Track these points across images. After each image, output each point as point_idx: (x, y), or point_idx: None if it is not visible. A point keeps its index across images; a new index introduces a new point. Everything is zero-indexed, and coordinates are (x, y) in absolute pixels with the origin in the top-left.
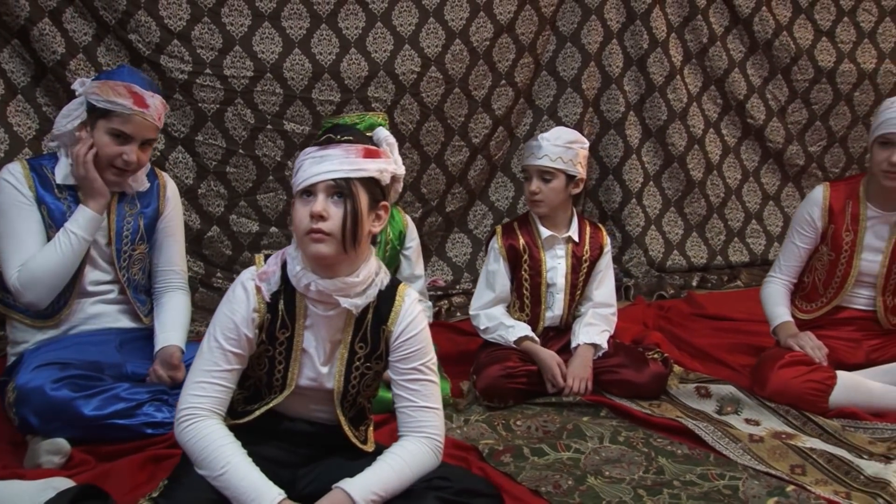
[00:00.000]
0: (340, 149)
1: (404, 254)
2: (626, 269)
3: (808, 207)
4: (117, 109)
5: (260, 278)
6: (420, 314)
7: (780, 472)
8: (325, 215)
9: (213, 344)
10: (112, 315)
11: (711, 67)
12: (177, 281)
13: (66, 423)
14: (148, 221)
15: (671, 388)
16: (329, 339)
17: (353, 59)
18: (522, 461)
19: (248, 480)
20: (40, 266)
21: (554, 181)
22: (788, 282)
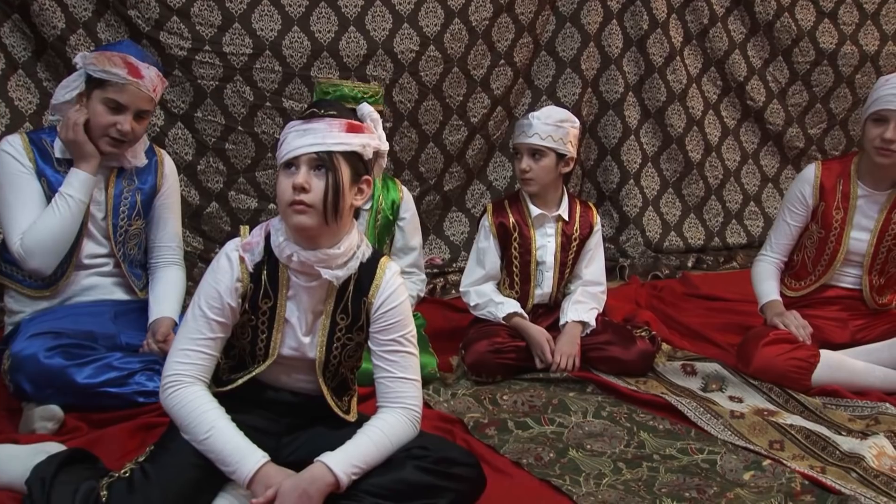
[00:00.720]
0: (324, 122)
1: (399, 224)
2: (622, 250)
3: (800, 185)
4: (112, 79)
5: (244, 249)
6: (400, 287)
7: (758, 448)
8: (307, 187)
9: (197, 312)
10: (107, 287)
11: (712, 49)
12: (172, 256)
13: (58, 390)
14: (145, 197)
15: (658, 365)
16: (311, 309)
17: (352, 37)
18: (506, 434)
19: (233, 444)
20: (42, 231)
21: (544, 160)
22: (779, 260)
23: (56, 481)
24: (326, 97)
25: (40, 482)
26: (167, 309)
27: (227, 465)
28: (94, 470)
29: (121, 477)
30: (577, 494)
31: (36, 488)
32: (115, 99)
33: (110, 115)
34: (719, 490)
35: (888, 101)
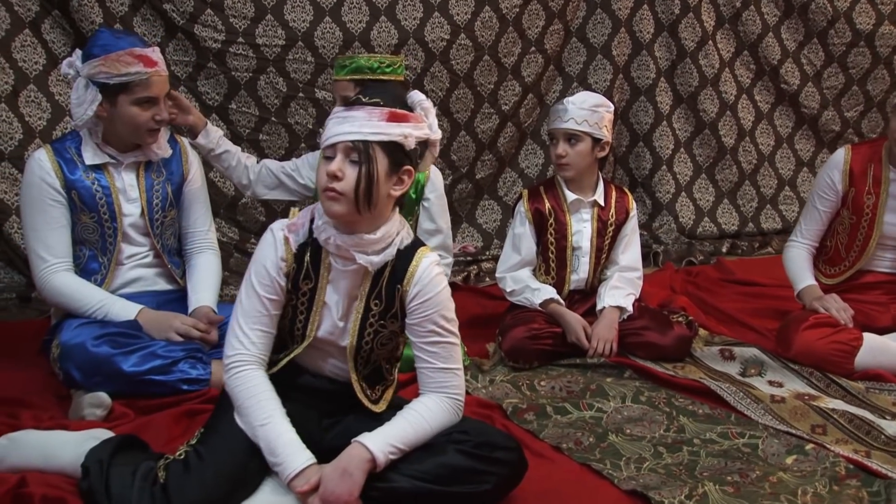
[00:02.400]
0: (364, 111)
1: (424, 205)
2: (655, 236)
3: (829, 170)
4: (134, 79)
5: (289, 229)
6: (438, 276)
7: (800, 432)
8: (340, 175)
9: (250, 291)
10: (150, 279)
11: (745, 32)
12: (206, 241)
13: (106, 377)
14: (175, 187)
15: (695, 350)
16: (347, 294)
17: (384, 26)
18: (545, 419)
19: (285, 438)
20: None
21: (580, 144)
22: (810, 246)
23: (114, 463)
24: (343, 71)
25: (98, 464)
26: (204, 297)
27: (275, 457)
28: (147, 454)
29: (176, 459)
30: (617, 478)
31: (94, 470)
32: (147, 95)
33: (146, 110)
34: (762, 474)
35: None
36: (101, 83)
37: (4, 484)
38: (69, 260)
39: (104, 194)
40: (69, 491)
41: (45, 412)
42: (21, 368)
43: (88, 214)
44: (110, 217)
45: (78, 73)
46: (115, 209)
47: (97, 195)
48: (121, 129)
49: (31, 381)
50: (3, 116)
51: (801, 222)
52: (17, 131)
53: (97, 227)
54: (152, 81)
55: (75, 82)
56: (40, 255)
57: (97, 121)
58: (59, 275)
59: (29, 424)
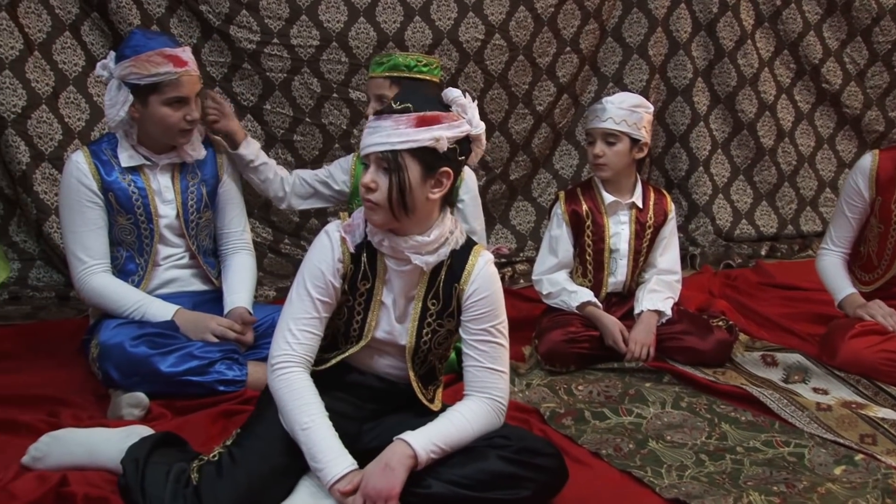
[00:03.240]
0: (391, 119)
1: (458, 206)
2: (692, 238)
3: (855, 176)
4: (164, 79)
5: (345, 230)
6: (493, 276)
7: (848, 441)
8: (374, 186)
9: (301, 292)
10: (185, 279)
11: (785, 31)
12: (241, 242)
13: (144, 378)
14: (210, 188)
15: (736, 355)
16: (404, 294)
17: (418, 27)
18: (584, 424)
19: (327, 444)
20: (103, 301)
21: (618, 144)
22: (843, 252)
23: (149, 462)
24: (380, 68)
25: (134, 463)
26: (240, 298)
27: (317, 462)
28: (184, 452)
29: (210, 460)
30: (659, 486)
31: (130, 468)
32: (178, 95)
33: (178, 110)
34: (809, 485)
35: None
36: (132, 84)
37: (46, 483)
38: (107, 261)
39: (140, 196)
40: (110, 490)
41: (85, 411)
42: (60, 367)
43: (125, 216)
44: (146, 218)
45: (111, 74)
46: (152, 210)
47: (133, 196)
48: (153, 130)
49: (70, 380)
50: (43, 118)
51: (830, 229)
52: (56, 132)
53: (134, 229)
54: (182, 81)
55: (109, 84)
56: (78, 257)
57: (131, 122)
58: (97, 276)
59: (69, 423)
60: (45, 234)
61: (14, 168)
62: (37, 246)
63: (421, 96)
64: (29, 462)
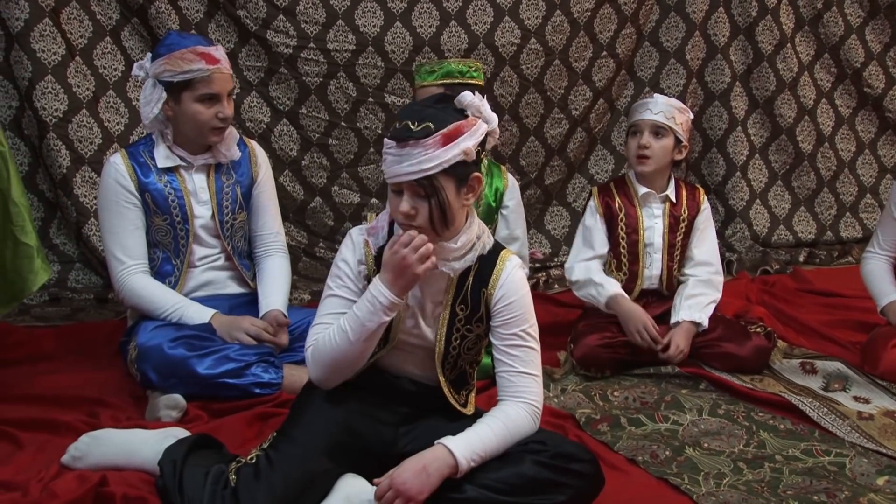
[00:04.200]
0: (419, 146)
1: (502, 213)
2: (728, 244)
3: None
4: (196, 76)
5: (368, 233)
6: (521, 280)
7: (891, 451)
8: (414, 213)
9: (327, 292)
10: (222, 282)
11: (826, 34)
12: (276, 244)
13: (181, 380)
14: (245, 190)
15: (774, 363)
16: (431, 299)
17: (454, 31)
18: (619, 430)
19: (357, 311)
20: (141, 302)
21: (665, 139)
22: (889, 257)
23: (187, 463)
24: (432, 76)
25: (172, 464)
26: (274, 301)
27: (368, 318)
28: (221, 454)
29: (247, 463)
30: (696, 494)
31: (168, 469)
32: (209, 92)
33: (210, 108)
34: (851, 495)
35: None
36: (166, 81)
37: (87, 482)
38: (145, 262)
39: (176, 196)
40: (148, 490)
41: (123, 412)
42: (99, 369)
43: (161, 217)
44: (182, 219)
45: (147, 73)
46: (187, 211)
47: (169, 197)
48: (186, 128)
49: (108, 381)
50: (83, 122)
51: (877, 232)
52: (96, 136)
53: (170, 230)
54: (213, 78)
55: (145, 83)
56: (117, 257)
57: (166, 122)
58: (135, 276)
59: (108, 424)
60: (84, 237)
61: (55, 172)
62: (76, 248)
63: (435, 110)
64: (69, 461)
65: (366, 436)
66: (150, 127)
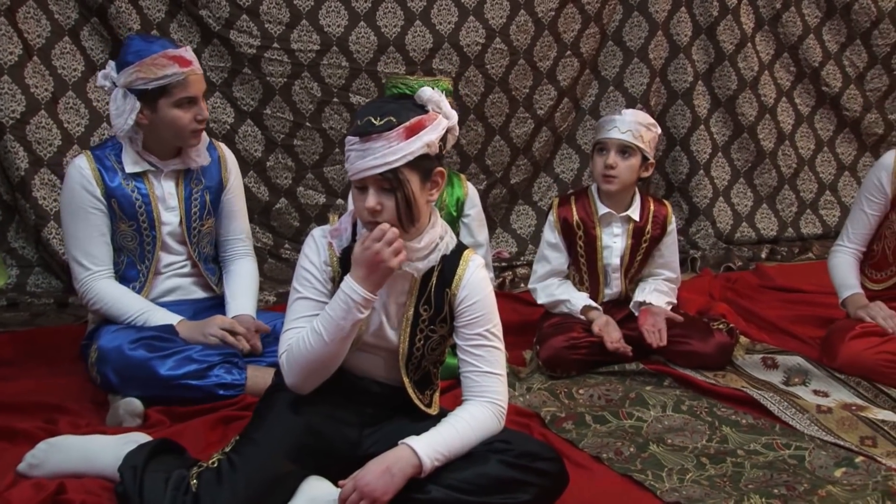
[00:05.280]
0: (382, 139)
1: (463, 221)
2: (692, 241)
3: (877, 172)
4: (172, 80)
5: (332, 234)
6: (484, 279)
7: (848, 444)
8: (380, 208)
9: (295, 296)
10: (186, 288)
11: (785, 34)
12: (244, 248)
13: (142, 382)
14: (213, 196)
15: (737, 358)
16: (394, 300)
17: (418, 31)
18: (584, 428)
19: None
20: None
21: (632, 158)
22: (857, 251)
23: (148, 469)
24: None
25: (132, 470)
26: (244, 305)
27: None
28: (183, 459)
29: (209, 467)
30: (660, 490)
31: (128, 475)
32: (187, 96)
33: (188, 111)
34: (810, 487)
35: None
36: (139, 90)
37: (43, 490)
38: (111, 267)
39: (143, 202)
40: (108, 497)
41: (82, 418)
42: (58, 374)
43: (127, 223)
44: (149, 225)
45: (114, 83)
46: (154, 217)
47: (136, 203)
48: (164, 134)
49: (68, 387)
50: (42, 123)
51: (847, 226)
52: (55, 137)
53: (136, 235)
54: (190, 81)
55: (112, 94)
56: (82, 263)
57: (137, 129)
58: (100, 282)
59: (66, 430)
60: (43, 241)
61: (13, 174)
62: (35, 252)
63: (396, 104)
64: (25, 469)
65: (330, 438)
66: (124, 138)
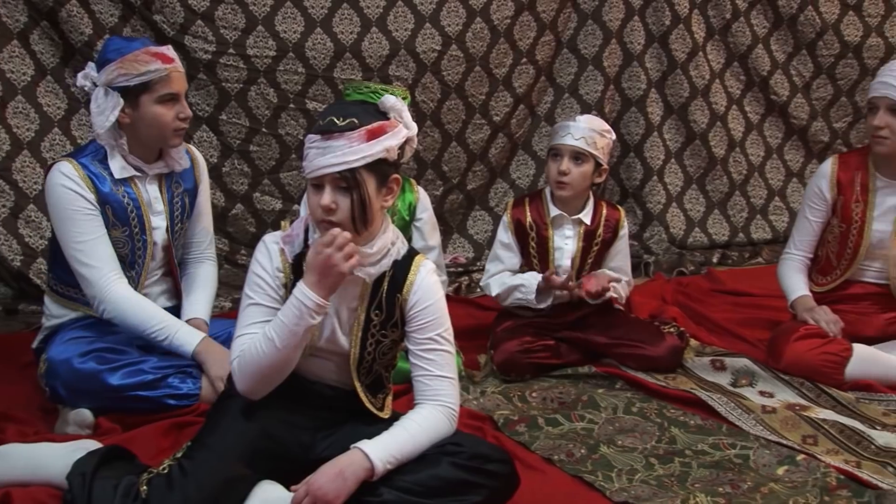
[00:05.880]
0: (343, 138)
1: (416, 225)
2: (646, 247)
3: (817, 180)
4: (155, 76)
5: (284, 241)
6: (435, 284)
7: (791, 442)
8: (334, 207)
9: (248, 301)
10: (154, 297)
11: (734, 44)
12: (208, 251)
13: (93, 394)
14: (191, 198)
15: (687, 361)
16: (346, 306)
17: (375, 37)
18: (537, 431)
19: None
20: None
21: (585, 165)
22: (804, 257)
23: (97, 476)
24: (360, 96)
25: (81, 477)
26: (198, 309)
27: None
28: (133, 466)
29: (159, 473)
30: (609, 490)
31: (77, 483)
32: (170, 92)
33: (170, 109)
34: (753, 485)
35: (874, 88)
36: (121, 87)
37: None
38: (119, 268)
39: (134, 207)
40: None
41: (31, 426)
42: (6, 382)
43: (120, 229)
44: (140, 230)
45: (94, 83)
46: (145, 222)
47: (128, 208)
48: (146, 133)
49: (17, 395)
50: None
51: (793, 234)
52: (4, 142)
53: (128, 241)
54: (172, 77)
55: (93, 93)
56: (90, 265)
57: (119, 133)
58: (115, 287)
59: (14, 439)
60: None
61: None
62: None
63: (360, 108)
64: None
65: (283, 441)
66: (103, 137)
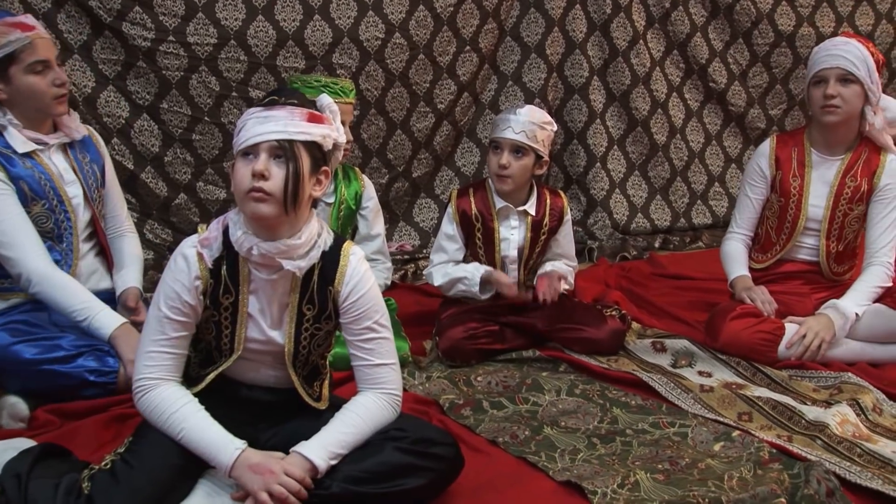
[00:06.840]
0: (285, 111)
1: (361, 213)
2: (590, 232)
3: (757, 159)
4: (17, 46)
5: (202, 245)
6: (366, 273)
7: (727, 419)
8: (267, 175)
9: (158, 313)
10: (85, 277)
11: (674, 32)
12: (127, 224)
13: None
14: (100, 169)
15: (629, 343)
16: (276, 302)
17: (317, 25)
18: (482, 414)
19: (207, 439)
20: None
21: (525, 158)
22: (746, 235)
23: (33, 476)
24: (311, 91)
25: (15, 479)
26: (130, 279)
27: (209, 460)
28: (71, 463)
29: (102, 468)
30: (552, 470)
31: (10, 485)
32: (38, 59)
33: (44, 77)
34: (691, 461)
35: (823, 61)
36: None
37: None
38: (43, 246)
39: (46, 179)
40: None
41: None
42: None
43: (40, 202)
44: (58, 201)
45: None
46: (60, 192)
47: (41, 180)
48: (26, 105)
49: None
50: None
51: (735, 214)
52: None
53: (49, 215)
54: (37, 44)
55: None
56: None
57: (2, 110)
58: (39, 263)
59: None
60: None
61: None
62: None
63: (301, 96)
64: None
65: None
66: None
